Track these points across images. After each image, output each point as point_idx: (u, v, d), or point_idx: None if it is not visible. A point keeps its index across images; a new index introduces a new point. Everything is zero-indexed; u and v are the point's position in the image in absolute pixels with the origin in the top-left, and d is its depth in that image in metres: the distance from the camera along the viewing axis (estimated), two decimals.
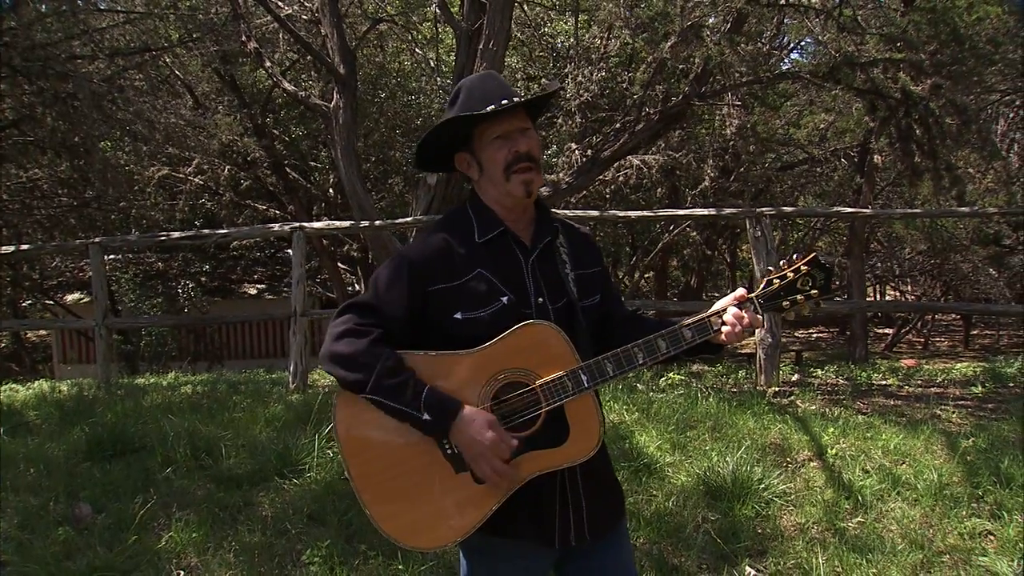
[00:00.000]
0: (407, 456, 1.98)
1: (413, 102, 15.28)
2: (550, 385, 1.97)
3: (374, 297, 2.02)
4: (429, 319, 2.02)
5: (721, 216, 8.34)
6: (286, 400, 6.47)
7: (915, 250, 17.67)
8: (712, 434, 5.32)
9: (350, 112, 9.18)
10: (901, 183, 15.11)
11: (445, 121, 2.07)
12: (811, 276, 2.08)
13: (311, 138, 15.44)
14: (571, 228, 2.23)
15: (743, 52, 8.52)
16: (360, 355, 1.94)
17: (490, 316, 1.98)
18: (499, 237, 2.07)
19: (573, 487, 2.06)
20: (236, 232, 9.48)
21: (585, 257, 2.18)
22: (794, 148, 15.42)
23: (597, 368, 1.99)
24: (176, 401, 6.54)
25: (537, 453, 1.98)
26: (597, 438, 1.99)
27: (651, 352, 2.02)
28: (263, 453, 4.93)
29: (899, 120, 8.83)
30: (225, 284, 18.86)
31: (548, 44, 14.03)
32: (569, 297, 2.07)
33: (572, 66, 11.79)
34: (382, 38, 14.14)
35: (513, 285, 2.03)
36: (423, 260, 2.02)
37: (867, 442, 5.21)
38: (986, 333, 21.54)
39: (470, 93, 2.07)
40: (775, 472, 4.71)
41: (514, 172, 2.03)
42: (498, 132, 2.04)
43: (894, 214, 10.71)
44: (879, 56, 8.53)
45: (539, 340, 1.97)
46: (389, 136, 14.92)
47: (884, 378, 7.61)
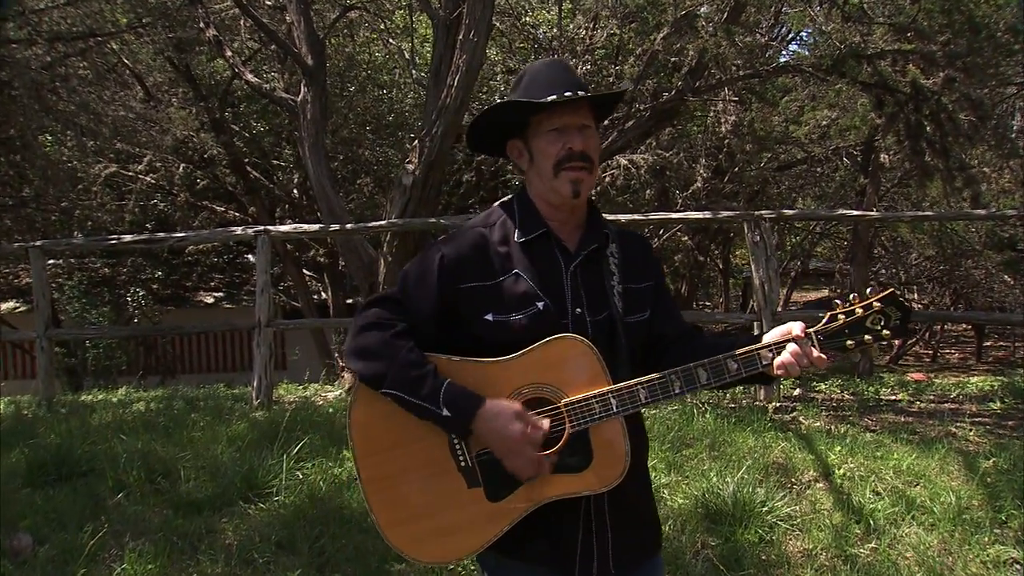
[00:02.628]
0: (421, 464, 2.01)
1: (385, 96, 15.27)
2: (576, 406, 1.97)
3: (402, 291, 2.06)
4: (459, 318, 2.03)
5: (716, 219, 8.39)
6: (250, 417, 6.43)
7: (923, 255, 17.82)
8: (710, 453, 5.33)
9: (318, 106, 9.17)
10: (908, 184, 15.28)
11: (500, 104, 2.08)
12: (884, 314, 2.03)
13: (274, 134, 15.38)
14: (629, 237, 2.23)
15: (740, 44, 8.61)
16: (382, 347, 1.97)
17: (523, 321, 2.00)
18: (541, 239, 2.08)
19: (599, 515, 2.05)
20: (192, 236, 9.42)
21: (638, 270, 2.17)
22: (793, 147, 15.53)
23: (629, 394, 1.98)
24: (127, 419, 6.47)
25: (555, 477, 1.98)
26: (621, 468, 1.98)
27: (689, 382, 2.01)
28: (225, 475, 4.89)
29: (908, 116, 8.93)
30: (179, 292, 18.70)
31: (529, 35, 14.07)
32: (611, 311, 2.07)
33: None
34: (352, 27, 14.13)
35: (551, 291, 2.03)
36: (457, 255, 2.04)
37: (877, 462, 5.23)
38: (1000, 345, 21.57)
39: (533, 78, 2.08)
40: (779, 494, 4.73)
41: (564, 169, 2.04)
42: (556, 124, 2.04)
43: (904, 217, 10.81)
44: (887, 47, 8.61)
45: (570, 356, 1.98)
46: (359, 133, 14.89)
47: (893, 393, 7.66)
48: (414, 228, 8.37)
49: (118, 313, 16.17)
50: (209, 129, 13.54)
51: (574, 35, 12.31)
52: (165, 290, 18.13)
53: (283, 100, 9.85)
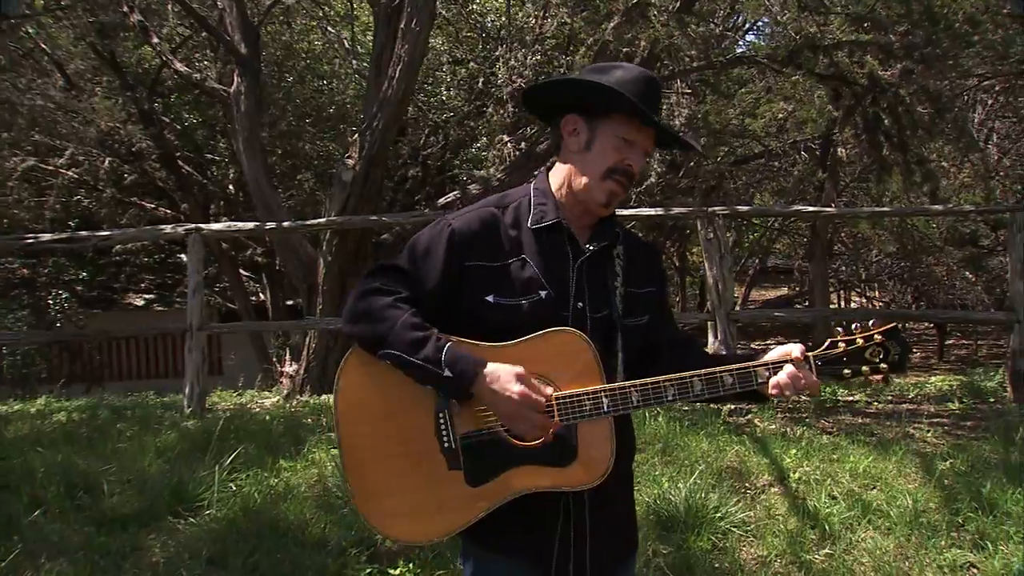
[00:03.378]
0: (404, 440, 2.05)
1: (325, 87, 15.15)
2: (567, 401, 2.02)
3: (409, 261, 2.10)
4: (461, 296, 2.09)
5: (669, 216, 8.49)
6: (180, 427, 6.35)
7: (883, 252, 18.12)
8: (662, 458, 5.38)
9: (253, 98, 9.09)
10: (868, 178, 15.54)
11: (608, 88, 2.08)
12: (884, 347, 2.11)
13: (208, 127, 15.18)
14: (635, 242, 2.30)
15: (693, 34, 8.69)
16: (383, 309, 2.02)
17: (524, 307, 2.06)
18: (552, 228, 2.14)
19: (579, 513, 2.11)
20: (119, 234, 9.30)
21: (641, 275, 2.24)
22: (750, 140, 15.75)
23: (621, 395, 2.03)
24: (47, 431, 6.35)
25: (536, 468, 2.03)
26: (604, 469, 2.03)
27: (683, 391, 2.06)
28: (153, 488, 4.83)
29: (866, 109, 9.10)
30: (106, 294, 18.41)
31: (477, 23, 14.07)
32: (611, 311, 2.14)
33: (504, 48, 11.85)
34: (289, 14, 13.98)
35: (555, 282, 2.10)
36: (467, 231, 2.09)
37: (833, 465, 5.33)
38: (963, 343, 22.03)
39: (640, 80, 2.11)
40: (733, 499, 4.80)
41: (611, 179, 2.11)
42: (632, 136, 2.11)
43: (860, 213, 11.02)
44: (844, 38, 8.76)
45: (567, 350, 2.04)
46: (298, 126, 14.75)
47: (851, 394, 7.80)
48: (354, 226, 8.33)
49: (38, 317, 15.85)
50: (137, 121, 13.28)
51: (523, 24, 12.33)
52: (91, 292, 17.82)
53: (215, 91, 9.75)
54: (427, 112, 13.83)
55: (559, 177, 2.19)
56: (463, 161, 13.92)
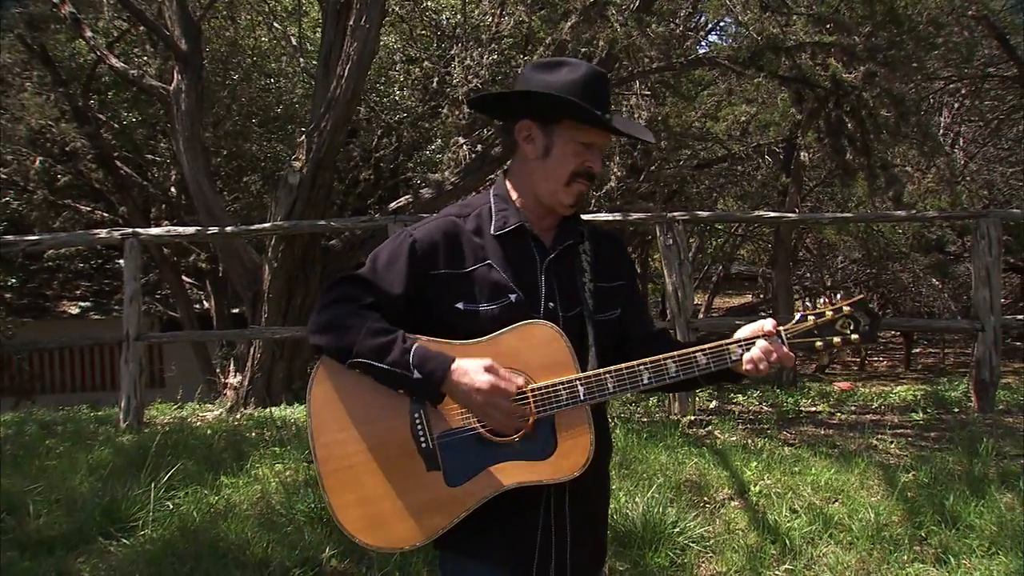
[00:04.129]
0: (380, 445, 2.09)
1: (272, 86, 15.04)
2: (543, 392, 2.07)
3: (371, 272, 2.16)
4: (429, 306, 2.15)
5: (628, 221, 8.53)
6: (115, 442, 6.29)
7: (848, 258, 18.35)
8: (619, 471, 5.39)
9: (194, 96, 9.01)
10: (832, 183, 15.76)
11: (557, 97, 2.12)
12: (853, 318, 2.20)
13: (148, 126, 14.98)
14: (601, 236, 2.37)
15: (653, 34, 8.75)
16: (349, 318, 2.07)
17: (494, 312, 2.12)
18: (516, 232, 2.20)
19: (559, 515, 2.16)
20: (50, 239, 9.18)
21: (609, 269, 2.31)
22: (712, 144, 15.88)
23: (597, 382, 2.09)
24: None
25: (516, 463, 2.07)
26: (585, 458, 2.07)
27: (658, 374, 2.13)
28: (84, 509, 4.77)
29: (829, 112, 9.23)
30: (38, 301, 18.08)
31: (431, 21, 14.06)
32: (582, 308, 2.20)
33: (459, 47, 11.85)
34: (233, 8, 13.88)
35: (524, 284, 2.17)
36: (427, 241, 2.15)
37: (795, 477, 5.39)
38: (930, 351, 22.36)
39: (589, 83, 2.15)
40: (691, 513, 4.84)
41: (577, 182, 2.18)
42: (588, 139, 2.18)
43: (823, 218, 11.15)
44: (807, 39, 8.85)
45: (540, 342, 2.10)
46: (244, 126, 14.62)
47: (813, 404, 7.90)
48: (302, 231, 8.28)
49: None
50: (71, 118, 13.10)
51: (480, 22, 12.35)
52: (21, 300, 17.48)
53: (154, 88, 9.64)
54: (379, 113, 13.78)
55: (519, 182, 2.25)
56: (417, 164, 13.89)
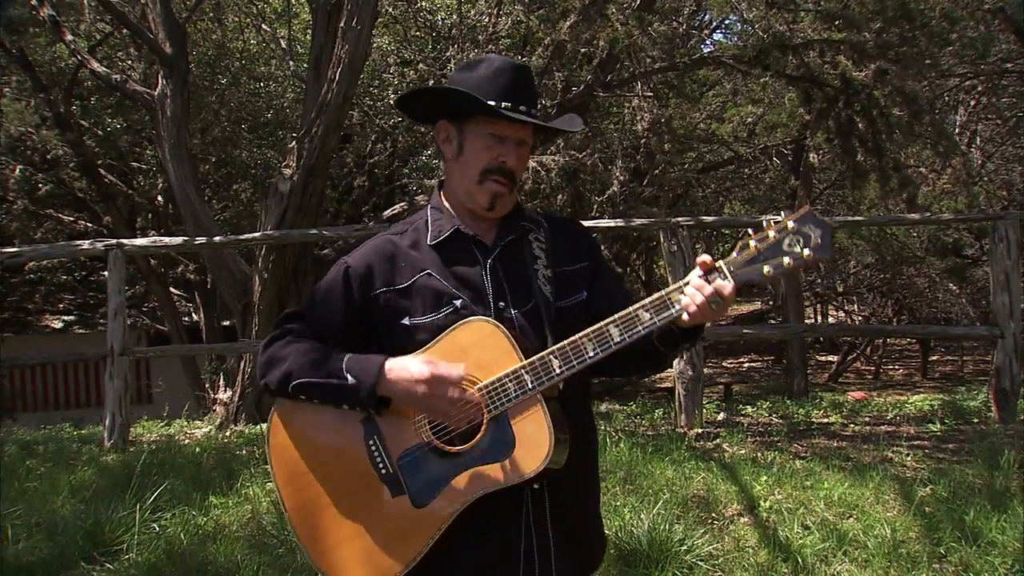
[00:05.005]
0: (342, 482, 2.11)
1: (262, 90, 15.04)
2: (490, 389, 2.05)
3: (309, 306, 2.24)
4: (376, 328, 2.18)
5: (631, 227, 8.54)
6: (99, 462, 6.27)
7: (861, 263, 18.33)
8: (624, 487, 5.38)
9: (180, 101, 9.01)
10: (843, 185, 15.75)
11: (450, 91, 2.19)
12: (801, 234, 2.02)
13: (133, 132, 15.00)
14: (561, 222, 2.39)
15: (655, 33, 8.78)
16: (283, 347, 2.14)
17: (440, 321, 2.12)
18: (452, 237, 2.21)
19: (540, 520, 2.13)
20: (28, 251, 9.16)
21: (569, 252, 2.29)
22: (718, 146, 15.88)
23: (542, 365, 2.04)
24: None
25: (478, 470, 2.05)
26: (547, 449, 2.01)
27: (602, 342, 2.04)
28: (65, 532, 4.75)
29: (839, 112, 9.22)
30: (19, 315, 18.12)
31: (426, 22, 14.08)
32: (536, 300, 2.18)
33: (455, 48, 11.86)
34: (220, 10, 13.91)
35: (469, 288, 2.16)
36: (363, 264, 2.19)
37: (807, 492, 5.35)
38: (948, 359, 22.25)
39: (497, 75, 2.17)
40: (699, 530, 4.81)
41: (488, 180, 2.17)
42: (497, 131, 2.17)
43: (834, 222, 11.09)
44: (815, 37, 8.87)
45: (479, 339, 2.07)
46: (233, 132, 14.64)
47: (826, 415, 7.87)
48: (292, 240, 8.27)
49: None
50: (52, 125, 13.12)
51: (476, 22, 12.36)
52: (1, 314, 17.50)
53: (138, 94, 9.65)
54: (373, 117, 13.78)
55: (449, 187, 2.28)
56: (413, 170, 13.87)
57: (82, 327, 18.54)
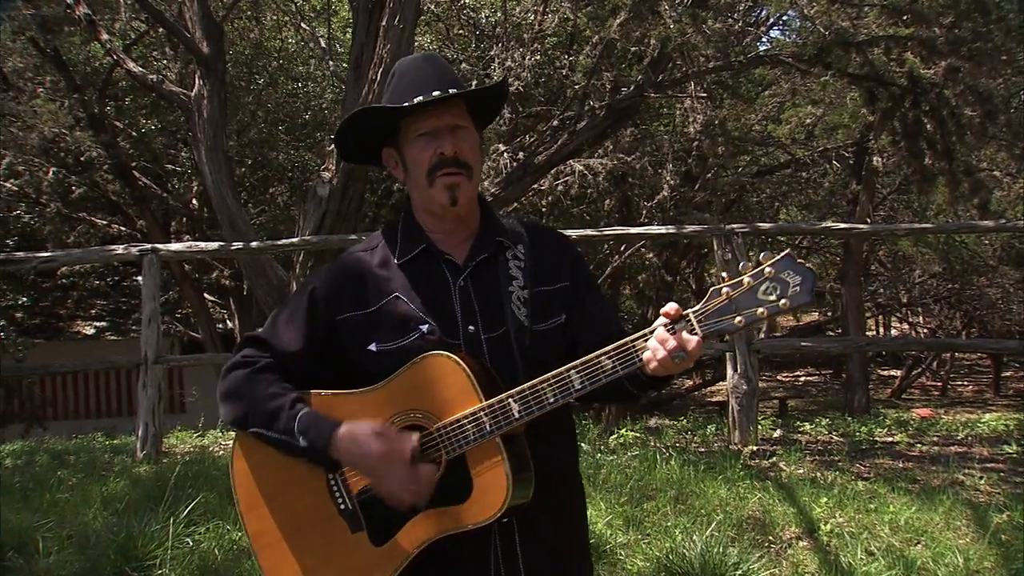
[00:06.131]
0: (303, 513, 2.13)
1: (300, 90, 15.18)
2: (449, 430, 2.03)
3: (270, 329, 2.24)
4: (342, 352, 2.17)
5: (683, 234, 8.49)
6: (131, 473, 6.32)
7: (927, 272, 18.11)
8: (675, 507, 5.36)
9: (217, 102, 9.09)
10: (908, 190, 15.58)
11: (359, 111, 2.24)
12: (779, 281, 1.92)
13: (168, 133, 15.18)
14: (542, 235, 2.32)
15: (709, 31, 8.72)
16: (242, 385, 2.14)
17: (408, 347, 2.09)
18: (423, 256, 2.20)
19: (510, 561, 2.10)
20: (62, 255, 9.28)
21: (551, 270, 2.24)
22: (774, 149, 15.77)
23: (502, 410, 2.00)
24: None
25: (434, 512, 2.04)
26: (504, 496, 1.99)
27: (563, 389, 2.00)
28: (97, 546, 4.78)
29: (905, 112, 9.10)
30: (50, 322, 18.33)
31: (469, 20, 14.13)
32: (507, 326, 2.14)
33: (499, 47, 11.90)
34: (258, 8, 14.06)
35: (437, 311, 2.14)
36: (329, 286, 2.19)
37: (870, 516, 5.30)
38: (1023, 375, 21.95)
39: (400, 78, 2.20)
40: (755, 554, 4.76)
41: (438, 176, 2.13)
42: (424, 128, 2.15)
43: (899, 229, 11.01)
44: (880, 33, 8.76)
45: (439, 376, 2.04)
46: (270, 133, 14.78)
47: (890, 434, 7.78)
48: (331, 246, 8.30)
49: None
50: (86, 126, 13.28)
51: (521, 20, 12.39)
52: (32, 320, 17.71)
53: (174, 95, 9.75)
54: None
55: (414, 206, 2.27)
56: None
57: (113, 333, 18.77)
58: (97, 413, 17.43)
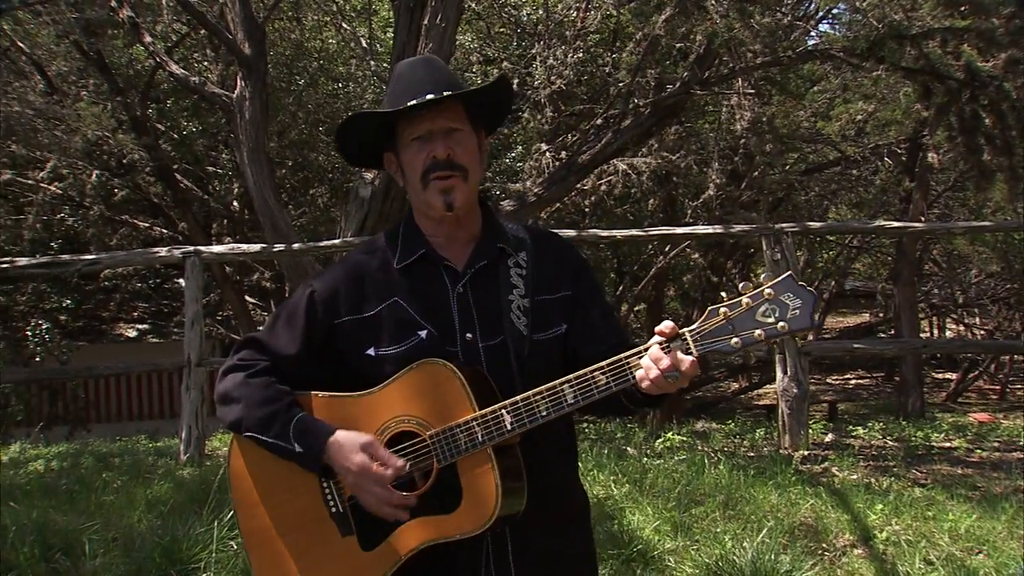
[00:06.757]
0: (295, 514, 2.17)
1: (340, 91, 15.28)
2: (442, 438, 2.05)
3: (268, 331, 2.28)
4: (340, 356, 2.20)
5: (730, 234, 8.44)
6: (175, 476, 6.38)
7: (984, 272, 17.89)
8: (724, 512, 5.34)
9: (258, 103, 9.16)
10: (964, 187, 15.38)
11: (354, 116, 2.26)
12: (778, 303, 1.93)
13: (209, 135, 15.33)
14: (547, 243, 2.32)
15: (757, 26, 8.66)
16: (238, 388, 2.17)
17: (406, 353, 2.12)
18: (422, 261, 2.21)
19: (502, 568, 2.12)
20: (108, 258, 9.38)
21: (553, 279, 2.24)
22: (823, 146, 15.64)
23: (494, 420, 2.02)
24: (21, 482, 6.38)
25: (422, 520, 2.06)
26: (492, 507, 2.01)
27: (556, 403, 2.01)
28: (142, 548, 4.82)
29: (962, 106, 8.99)
30: (93, 324, 18.51)
31: (511, 18, 14.15)
32: (505, 335, 2.15)
33: (541, 45, 11.90)
34: (299, 8, 14.18)
35: (435, 317, 2.16)
36: (328, 290, 2.21)
37: (928, 523, 5.24)
38: None
39: (397, 82, 2.22)
40: (808, 561, 4.72)
41: (432, 180, 2.14)
42: (418, 132, 2.16)
43: (957, 227, 10.87)
44: (936, 25, 8.65)
45: (434, 383, 2.07)
46: (310, 134, 14.89)
47: (947, 438, 7.69)
48: None
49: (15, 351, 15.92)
50: (128, 129, 13.46)
51: (563, 17, 12.38)
52: (75, 322, 17.89)
53: (216, 96, 9.85)
54: None
55: (414, 208, 2.28)
56: (496, 173, 13.96)
57: (155, 336, 18.97)
58: (139, 415, 17.64)
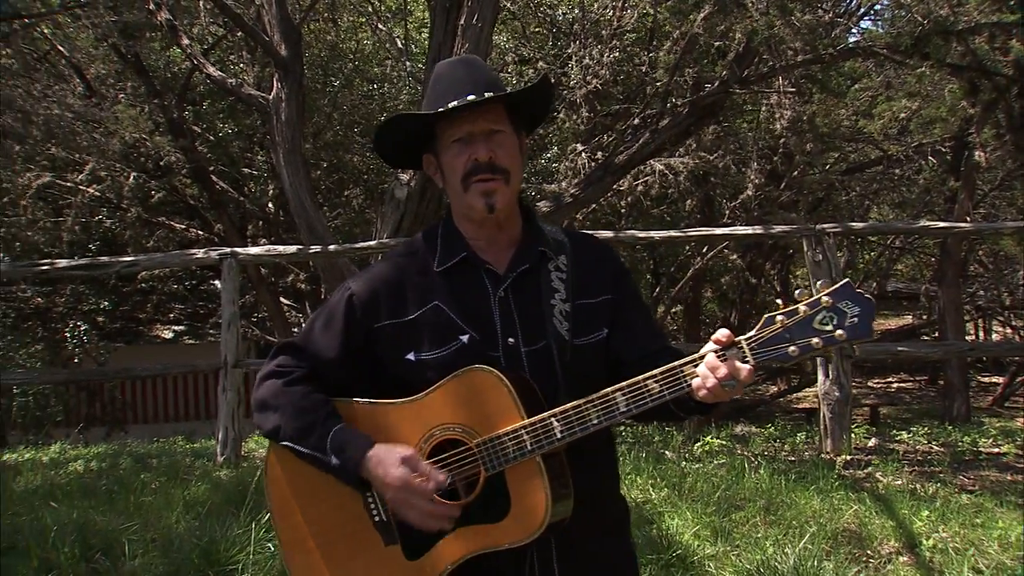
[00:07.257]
0: (337, 523, 2.16)
1: (376, 92, 15.34)
2: (489, 446, 2.03)
3: (306, 336, 2.25)
4: (379, 360, 2.18)
5: (770, 235, 8.39)
6: (212, 477, 6.43)
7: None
8: (765, 517, 5.30)
9: (294, 105, 9.23)
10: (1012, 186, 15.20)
11: (395, 117, 2.25)
12: (836, 311, 1.90)
13: (245, 137, 15.47)
14: (585, 245, 2.31)
15: (798, 23, 8.60)
16: (275, 397, 2.17)
17: (447, 358, 2.10)
18: (463, 264, 2.19)
19: (546, 571, 2.11)
20: (145, 259, 9.44)
21: (594, 283, 2.23)
22: (865, 145, 15.50)
23: (544, 429, 2.01)
24: (61, 483, 6.45)
25: (468, 529, 2.05)
26: (543, 515, 1.99)
27: (608, 411, 2.01)
28: (180, 549, 4.86)
29: (1010, 103, 8.91)
30: (130, 326, 18.71)
31: (546, 17, 14.15)
32: (548, 340, 2.13)
33: (577, 45, 11.89)
34: (334, 10, 14.24)
35: (477, 322, 2.13)
36: (367, 294, 2.19)
37: (976, 530, 5.18)
38: None
39: (436, 83, 2.21)
40: (852, 569, 4.68)
41: (473, 182, 2.13)
42: (459, 134, 2.14)
43: (1005, 228, 10.73)
44: (983, 20, 8.56)
45: (480, 391, 2.05)
46: (346, 136, 14.97)
47: (995, 444, 7.61)
48: None
49: (54, 353, 16.13)
50: (165, 131, 13.58)
51: (599, 16, 12.36)
52: (113, 324, 18.10)
53: (252, 98, 9.94)
54: None
55: (453, 210, 2.26)
56: (532, 174, 13.97)
57: (191, 337, 19.13)
58: (176, 417, 17.80)
